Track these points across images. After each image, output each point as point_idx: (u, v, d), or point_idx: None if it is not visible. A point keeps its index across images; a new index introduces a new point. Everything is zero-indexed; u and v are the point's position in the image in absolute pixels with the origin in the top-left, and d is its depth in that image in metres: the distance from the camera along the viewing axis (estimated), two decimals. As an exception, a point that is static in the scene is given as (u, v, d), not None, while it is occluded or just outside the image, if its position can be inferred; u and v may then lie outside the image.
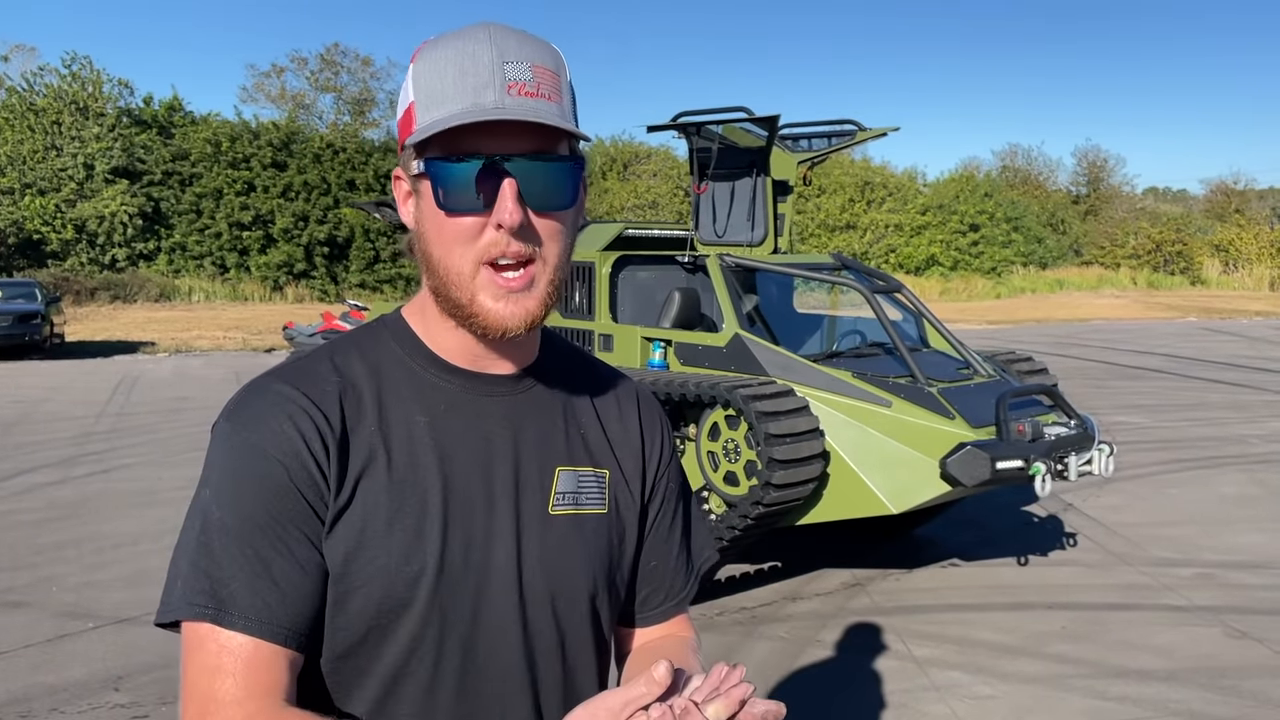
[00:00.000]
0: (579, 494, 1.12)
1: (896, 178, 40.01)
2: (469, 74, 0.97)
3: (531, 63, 0.98)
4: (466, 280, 1.01)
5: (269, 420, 1.00)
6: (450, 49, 0.99)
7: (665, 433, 1.25)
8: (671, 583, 1.24)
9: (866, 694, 4.33)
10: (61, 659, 4.52)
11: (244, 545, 0.97)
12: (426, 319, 1.10)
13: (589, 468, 1.14)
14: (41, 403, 12.25)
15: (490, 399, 1.09)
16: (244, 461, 0.99)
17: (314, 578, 0.99)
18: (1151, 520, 6.94)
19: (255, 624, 0.95)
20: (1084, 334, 22.00)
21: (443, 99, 0.97)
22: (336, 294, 30.29)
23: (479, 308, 1.01)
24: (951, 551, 6.31)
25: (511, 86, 0.97)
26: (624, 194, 36.04)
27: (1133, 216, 44.97)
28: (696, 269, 6.36)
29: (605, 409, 1.19)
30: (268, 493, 0.98)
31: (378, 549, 1.00)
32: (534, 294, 1.01)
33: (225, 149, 30.93)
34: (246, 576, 0.96)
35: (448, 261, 1.01)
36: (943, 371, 5.61)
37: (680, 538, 1.25)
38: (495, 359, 1.09)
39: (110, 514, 7.07)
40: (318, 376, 1.05)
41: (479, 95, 0.96)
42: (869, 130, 6.73)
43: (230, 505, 0.98)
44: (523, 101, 0.97)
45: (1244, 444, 9.56)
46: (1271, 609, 5.25)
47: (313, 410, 1.01)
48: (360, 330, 1.13)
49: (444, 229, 1.00)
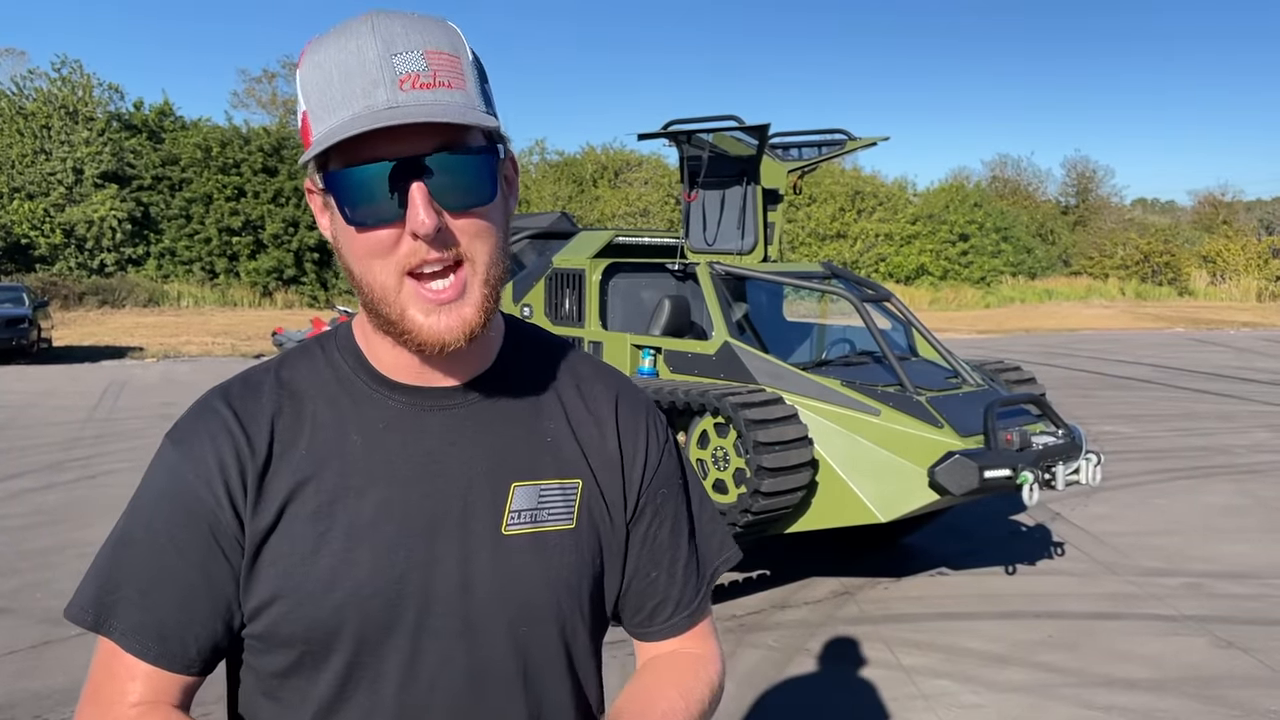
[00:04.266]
0: (538, 510, 1.03)
1: (887, 187, 40.15)
2: (355, 74, 0.89)
3: (424, 50, 0.90)
4: (392, 295, 0.94)
5: (194, 442, 0.99)
6: (333, 47, 0.91)
7: (653, 433, 1.13)
8: (680, 594, 1.14)
9: (854, 702, 4.33)
10: (46, 665, 4.51)
11: (142, 560, 0.98)
12: (366, 333, 1.04)
13: (554, 480, 1.05)
14: (28, 408, 12.19)
15: (435, 413, 1.02)
16: (164, 480, 1.00)
17: (208, 600, 0.98)
18: (1138, 530, 6.97)
19: (128, 638, 0.97)
20: (1072, 344, 22.09)
21: (332, 105, 0.90)
22: (326, 300, 30.24)
23: (410, 324, 0.94)
24: (939, 560, 6.32)
25: (404, 80, 0.88)
26: (615, 201, 36.08)
27: (1121, 227, 45.21)
28: (687, 277, 6.37)
29: (578, 413, 1.09)
30: (177, 513, 0.98)
31: (303, 575, 0.97)
32: (468, 301, 0.94)
33: (216, 154, 30.86)
34: (130, 593, 0.97)
35: (368, 278, 0.94)
36: (931, 380, 5.62)
37: (686, 543, 1.15)
38: (439, 371, 1.02)
39: (96, 520, 7.02)
40: (258, 394, 1.02)
41: (369, 97, 0.88)
42: (859, 140, 6.75)
43: (141, 520, 1.00)
44: (419, 95, 0.89)
45: (1231, 454, 9.60)
46: (1258, 619, 5.27)
47: (239, 434, 0.99)
48: (314, 340, 1.09)
49: (357, 244, 0.93)
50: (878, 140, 6.87)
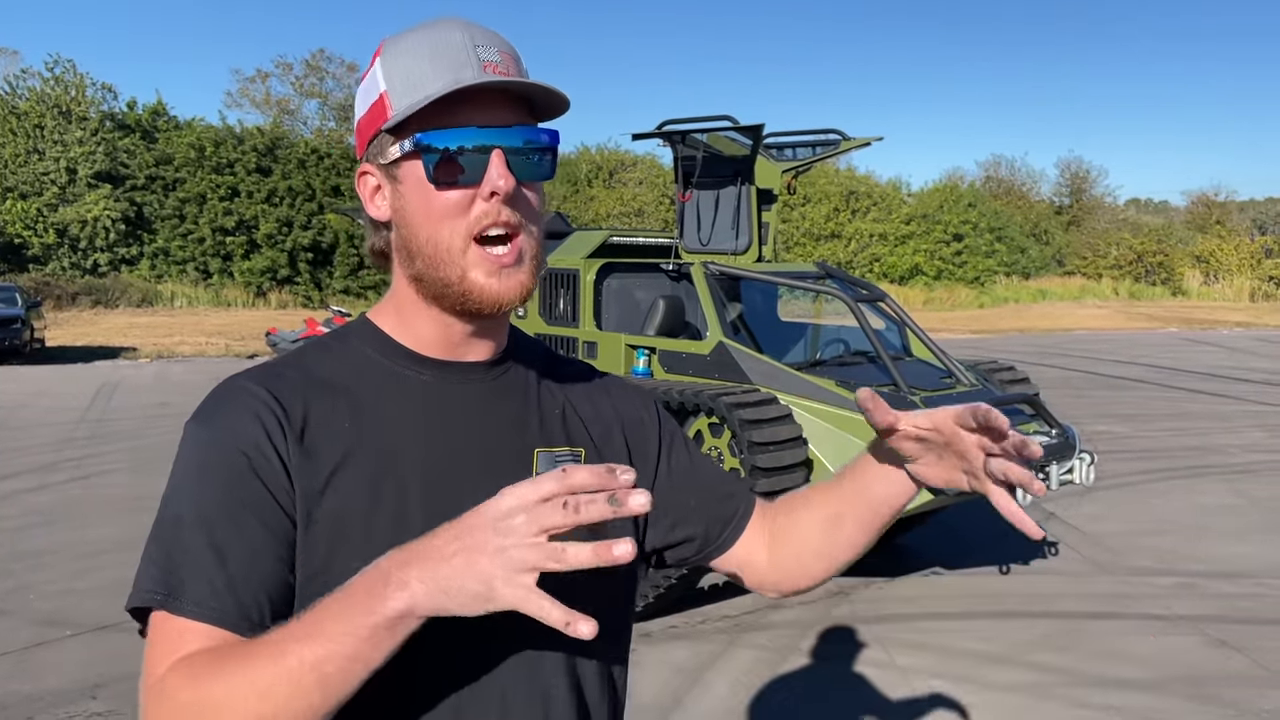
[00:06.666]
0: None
1: (881, 187, 40.20)
2: (444, 56, 0.99)
3: (499, 48, 1.02)
4: (457, 256, 1.01)
5: (231, 415, 1.01)
6: (421, 37, 1.02)
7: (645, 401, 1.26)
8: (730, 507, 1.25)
9: (849, 702, 4.34)
10: (39, 667, 4.49)
11: (196, 534, 0.97)
12: (402, 314, 1.10)
13: (565, 448, 1.14)
14: (20, 408, 12.16)
15: (466, 385, 1.10)
16: (205, 454, 1.00)
17: (269, 563, 0.98)
18: (1132, 529, 6.98)
19: (203, 609, 0.96)
20: (1066, 344, 22.14)
21: (422, 81, 0.99)
22: (320, 300, 30.19)
23: (470, 284, 1.02)
24: (933, 560, 6.33)
25: (487, 66, 0.99)
26: (609, 201, 36.09)
27: (1115, 227, 45.34)
28: (681, 277, 6.37)
29: (574, 392, 1.20)
30: (225, 482, 0.98)
31: (360, 539, 0.99)
32: (524, 267, 1.03)
33: (209, 154, 30.81)
34: (196, 564, 0.97)
35: (437, 238, 1.02)
36: (925, 380, 5.63)
37: (710, 469, 1.27)
38: (471, 346, 1.10)
39: (89, 521, 7.01)
40: (284, 377, 1.06)
41: (459, 73, 0.98)
42: (853, 140, 6.76)
43: (188, 497, 0.99)
44: (506, 78, 0.99)
45: (1224, 454, 9.63)
46: (1251, 618, 5.29)
47: (275, 405, 1.01)
48: (328, 335, 1.14)
49: (433, 204, 1.01)
50: (872, 140, 6.88)
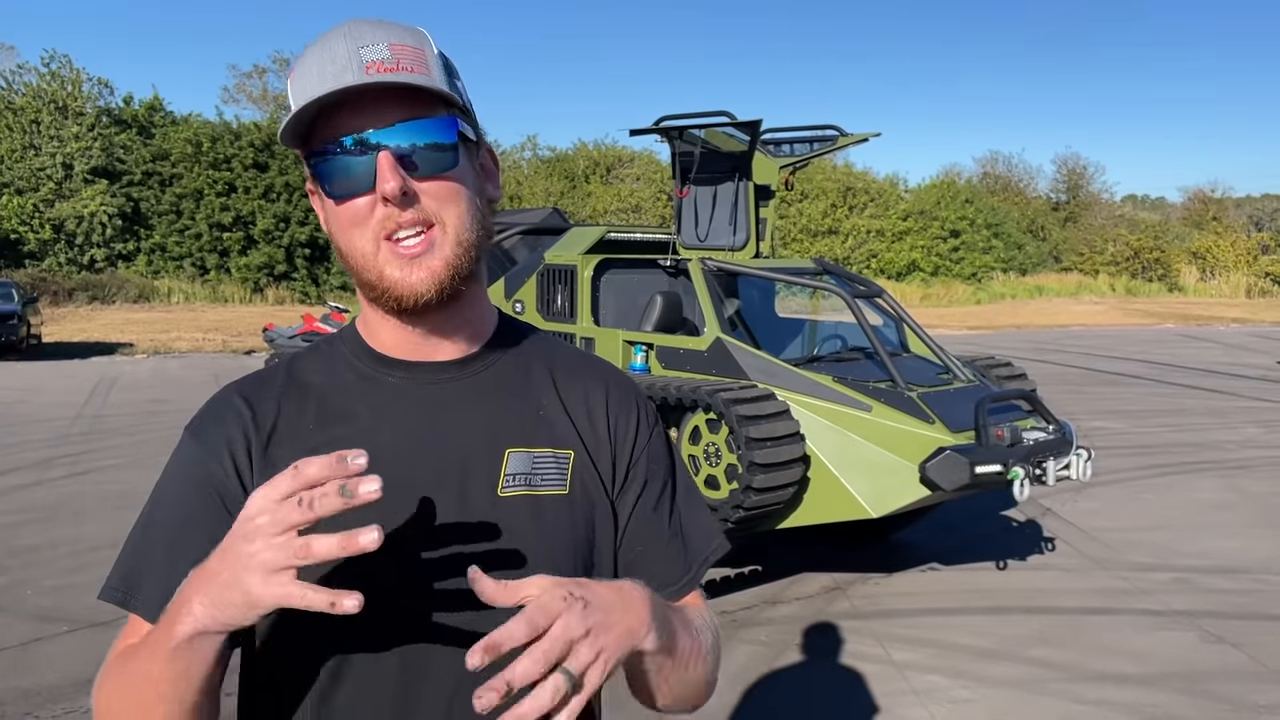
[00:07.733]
0: (532, 475, 1.08)
1: (878, 183, 40.16)
2: (327, 66, 0.98)
3: (388, 42, 0.99)
4: (371, 259, 1.02)
5: (206, 429, 1.08)
6: (311, 53, 1.01)
7: (642, 416, 1.19)
8: (665, 571, 1.15)
9: (845, 698, 4.34)
10: (36, 663, 4.48)
11: (160, 538, 1.05)
12: (365, 319, 1.13)
13: (548, 449, 1.10)
14: (17, 404, 12.14)
15: (434, 387, 1.09)
16: (177, 465, 1.09)
17: None
18: (1128, 525, 6.99)
19: (149, 609, 1.01)
20: (1063, 340, 22.16)
21: (308, 96, 0.98)
22: (317, 296, 30.15)
23: (386, 281, 1.02)
24: (930, 556, 6.33)
25: (370, 67, 0.97)
26: (607, 198, 36.04)
27: (1111, 223, 45.32)
28: (678, 273, 6.37)
29: (570, 392, 1.16)
30: (190, 490, 1.06)
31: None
32: (436, 255, 1.01)
33: (206, 149, 30.72)
34: (155, 566, 1.04)
35: (351, 248, 1.02)
36: (923, 376, 5.64)
37: (669, 521, 1.17)
38: (437, 346, 1.10)
39: (86, 517, 7.00)
40: (268, 381, 1.11)
41: (338, 81, 0.97)
42: (851, 136, 6.76)
43: (161, 504, 1.08)
44: (382, 77, 0.97)
45: (1221, 450, 9.64)
46: (1247, 614, 5.30)
47: (246, 412, 1.07)
48: (324, 338, 1.18)
49: (341, 217, 1.02)
50: (869, 136, 6.88)
